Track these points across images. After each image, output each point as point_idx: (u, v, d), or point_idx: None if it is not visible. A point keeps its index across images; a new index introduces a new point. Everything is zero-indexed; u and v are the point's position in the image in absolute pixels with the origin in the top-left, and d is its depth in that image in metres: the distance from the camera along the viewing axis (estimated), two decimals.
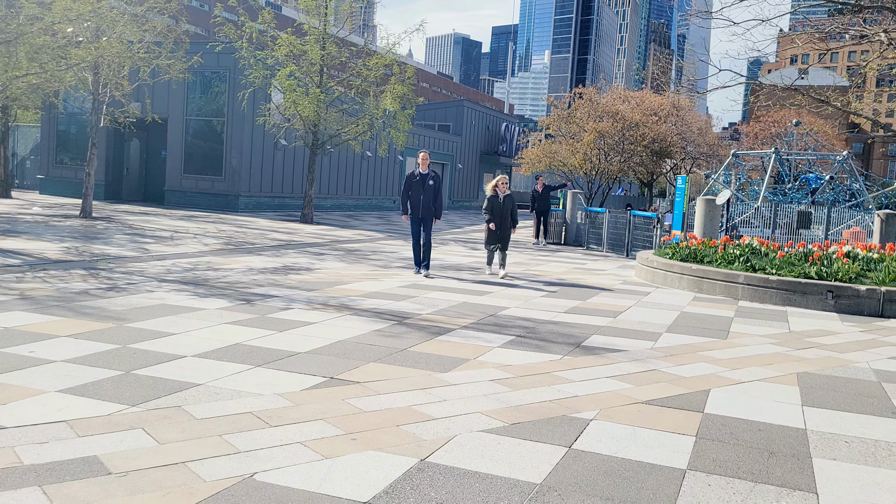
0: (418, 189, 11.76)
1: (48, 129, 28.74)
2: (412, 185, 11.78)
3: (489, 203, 12.35)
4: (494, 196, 12.35)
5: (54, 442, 3.83)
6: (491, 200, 12.34)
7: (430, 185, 11.80)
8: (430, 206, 11.86)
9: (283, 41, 21.40)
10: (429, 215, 11.89)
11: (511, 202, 12.39)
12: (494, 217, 12.30)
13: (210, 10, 60.88)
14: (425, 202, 11.78)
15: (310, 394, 4.99)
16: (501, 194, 12.33)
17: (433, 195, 11.85)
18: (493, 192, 12.36)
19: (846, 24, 17.77)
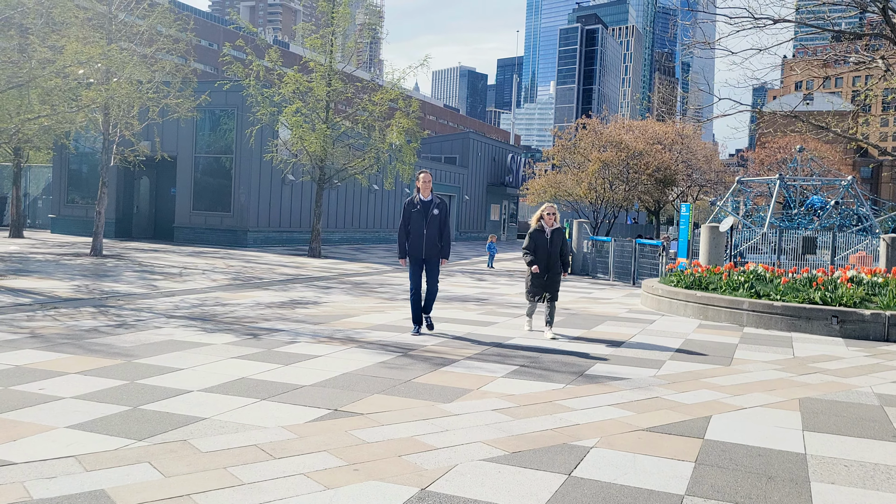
0: (419, 221, 9.07)
1: (59, 169, 29.21)
2: (411, 217, 9.14)
3: (532, 240, 9.65)
4: (539, 231, 9.70)
5: (62, 476, 3.92)
6: (534, 236, 9.67)
7: (434, 216, 9.08)
8: (436, 243, 9.09)
9: (290, 78, 21.80)
10: (434, 255, 9.17)
11: (561, 238, 9.71)
12: (539, 257, 9.59)
13: (218, 48, 61.97)
14: (429, 238, 9.06)
15: (314, 426, 5.07)
16: (548, 228, 9.65)
17: (439, 228, 9.13)
18: (539, 226, 9.71)
19: (845, 52, 17.99)
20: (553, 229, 9.65)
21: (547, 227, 9.67)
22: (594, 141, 32.43)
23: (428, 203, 9.16)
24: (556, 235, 9.67)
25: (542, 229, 9.71)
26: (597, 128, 33.74)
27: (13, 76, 16.60)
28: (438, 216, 9.17)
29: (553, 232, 9.65)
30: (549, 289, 9.65)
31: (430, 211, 9.13)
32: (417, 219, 9.11)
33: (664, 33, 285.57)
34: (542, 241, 9.65)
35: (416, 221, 9.12)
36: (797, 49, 24.30)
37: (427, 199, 9.17)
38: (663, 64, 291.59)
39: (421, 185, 9.14)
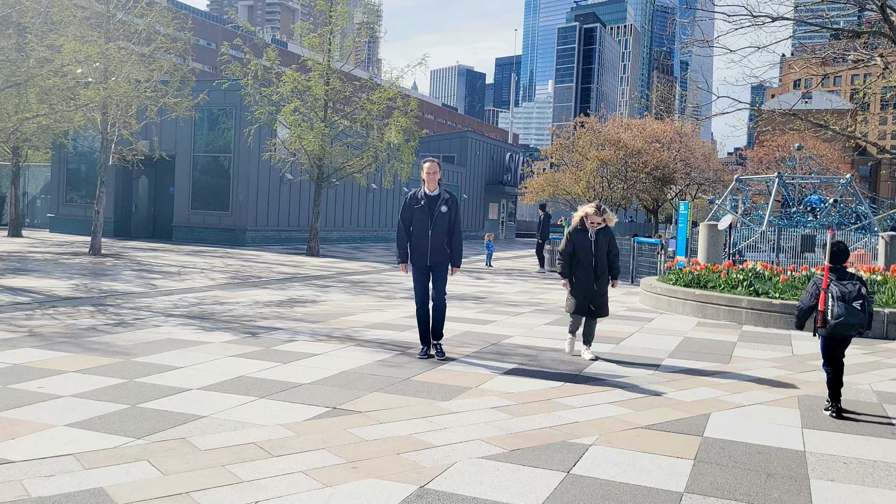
0: (423, 220, 7.48)
1: (58, 169, 29.17)
2: (414, 215, 7.55)
3: (570, 242, 8.07)
4: (581, 231, 8.07)
5: (61, 475, 3.91)
6: (574, 238, 8.07)
7: (442, 214, 7.50)
8: (443, 247, 7.51)
9: (288, 77, 21.78)
10: (442, 261, 7.57)
11: (607, 240, 8.08)
12: (579, 265, 8.00)
13: (216, 48, 61.98)
14: (435, 241, 7.48)
15: (312, 424, 5.06)
16: (592, 229, 8.03)
17: (448, 229, 7.55)
18: (580, 225, 8.09)
19: (843, 50, 18.00)
20: (598, 229, 8.01)
21: (591, 229, 8.05)
22: (592, 139, 32.46)
23: (435, 198, 7.49)
24: (603, 237, 8.01)
25: (583, 229, 8.08)
26: (595, 126, 33.77)
27: (11, 75, 16.58)
28: (447, 214, 7.51)
29: (598, 233, 8.01)
30: (595, 301, 8.01)
31: (437, 208, 7.46)
32: (421, 217, 7.47)
33: (662, 32, 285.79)
34: (583, 244, 8.01)
35: (419, 220, 7.48)
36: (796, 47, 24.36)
37: (434, 194, 7.50)
38: (661, 62, 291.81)
39: (426, 175, 7.53)
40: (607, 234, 8.12)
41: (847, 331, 5.81)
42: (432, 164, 7.57)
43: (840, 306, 5.74)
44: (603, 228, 8.05)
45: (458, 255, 7.60)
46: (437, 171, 7.56)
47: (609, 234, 8.14)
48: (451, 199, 7.58)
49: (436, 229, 7.46)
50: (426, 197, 7.52)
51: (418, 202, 7.52)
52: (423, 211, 7.48)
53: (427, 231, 7.46)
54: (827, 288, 5.87)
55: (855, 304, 5.73)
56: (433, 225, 7.46)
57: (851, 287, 5.81)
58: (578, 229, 8.10)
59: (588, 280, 7.99)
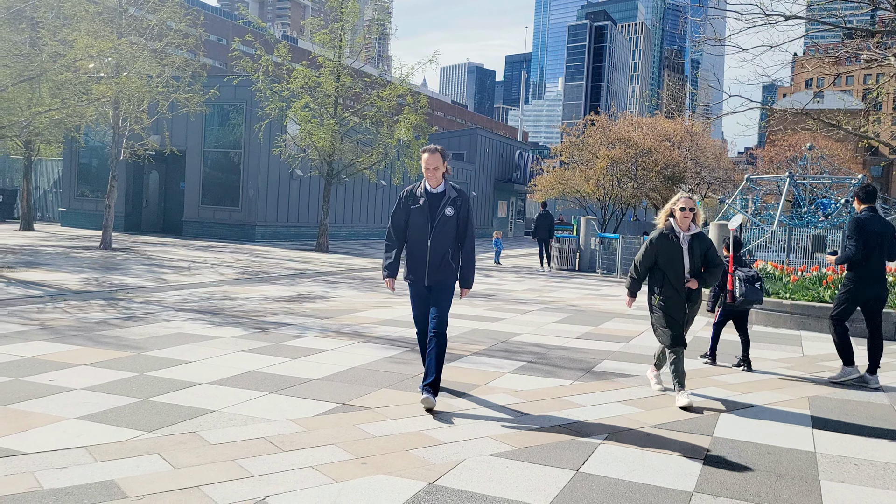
0: (422, 225, 5.72)
1: (69, 163, 29.33)
2: (411, 217, 5.78)
3: (652, 251, 6.22)
4: (666, 237, 6.19)
5: (73, 467, 3.94)
6: (659, 245, 6.20)
7: (446, 218, 5.70)
8: (448, 261, 5.72)
9: (299, 73, 21.80)
10: (445, 279, 5.73)
11: (705, 248, 6.19)
12: (667, 284, 6.13)
13: (227, 43, 62.14)
14: (436, 252, 5.68)
15: (322, 419, 5.08)
16: (683, 231, 6.18)
17: (454, 237, 5.77)
18: (667, 226, 6.24)
19: (856, 49, 17.87)
20: (692, 234, 6.16)
21: (681, 231, 6.15)
22: (602, 138, 32.34)
23: (438, 197, 5.70)
24: (697, 244, 6.15)
25: (670, 234, 6.17)
26: (605, 125, 33.64)
27: (24, 69, 16.68)
28: (453, 218, 5.68)
29: (692, 239, 6.15)
30: (688, 325, 6.32)
31: (441, 209, 5.65)
32: (419, 220, 5.69)
33: (673, 30, 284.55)
34: (671, 253, 6.10)
35: (417, 224, 5.71)
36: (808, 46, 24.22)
37: (436, 191, 5.73)
38: (672, 61, 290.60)
39: (427, 167, 5.71)
40: (704, 243, 6.19)
41: (749, 305, 7.51)
42: (432, 157, 5.66)
43: (745, 287, 7.34)
44: (697, 235, 6.19)
45: (470, 271, 5.77)
46: (439, 166, 5.68)
47: (706, 241, 6.22)
48: (459, 199, 5.71)
49: (437, 237, 5.63)
50: (426, 195, 5.71)
51: (416, 201, 5.72)
52: (422, 213, 5.66)
53: (426, 239, 5.65)
54: (733, 272, 7.47)
55: (756, 285, 7.35)
56: (434, 231, 5.63)
57: (752, 272, 7.48)
58: (662, 235, 6.16)
59: (679, 302, 6.10)
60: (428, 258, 5.67)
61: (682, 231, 6.17)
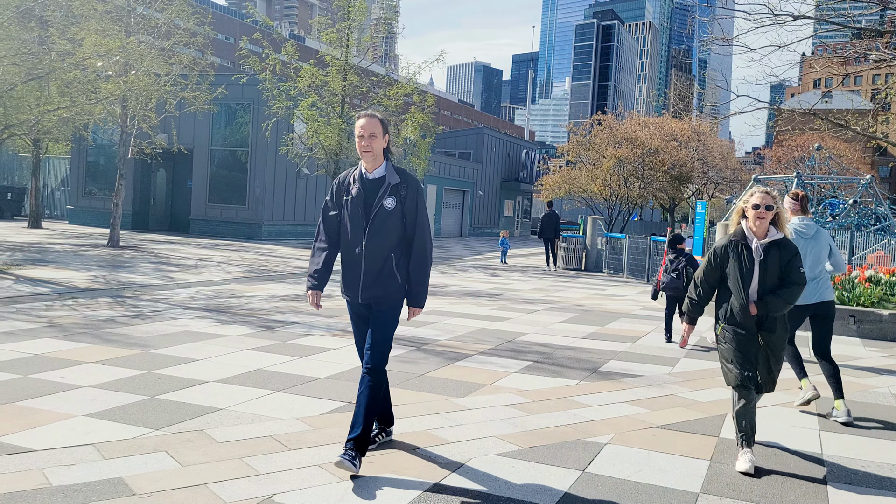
0: (356, 222, 4.33)
1: (78, 161, 29.45)
2: (343, 208, 4.38)
3: (717, 262, 4.80)
4: (733, 246, 4.73)
5: (81, 464, 3.96)
6: (723, 257, 4.77)
7: (385, 212, 4.28)
8: (390, 270, 4.30)
9: (306, 72, 21.83)
10: (384, 296, 4.32)
11: (787, 260, 4.64)
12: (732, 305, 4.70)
13: (235, 42, 62.22)
14: (371, 257, 4.29)
15: (328, 418, 5.09)
16: (757, 238, 4.67)
17: (396, 238, 4.33)
18: (737, 232, 4.76)
19: (865, 49, 17.79)
20: (771, 242, 4.59)
21: (754, 238, 4.60)
22: (609, 137, 32.31)
23: (375, 184, 4.27)
24: (776, 256, 4.58)
25: (738, 242, 4.64)
26: (612, 124, 33.59)
27: (33, 68, 16.76)
28: (396, 212, 4.24)
29: (770, 249, 4.58)
30: (766, 366, 4.67)
31: (378, 200, 4.24)
32: (352, 216, 4.30)
33: (681, 29, 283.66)
34: (739, 268, 4.61)
35: (350, 222, 4.31)
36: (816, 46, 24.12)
37: (374, 176, 4.28)
38: (680, 60, 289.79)
39: (358, 139, 4.22)
40: (786, 252, 4.59)
41: (671, 291, 9.32)
42: (369, 122, 4.17)
43: (666, 276, 9.36)
44: (779, 243, 4.59)
45: (420, 284, 4.29)
46: (376, 134, 4.17)
47: (789, 250, 4.61)
48: (404, 186, 4.24)
49: (374, 238, 4.20)
50: (360, 181, 4.27)
51: (347, 190, 4.31)
52: (355, 206, 4.25)
53: (359, 241, 4.23)
54: (664, 265, 9.40)
55: (672, 274, 9.29)
56: (369, 230, 4.20)
57: (676, 264, 9.33)
58: (731, 242, 4.67)
59: (749, 331, 4.60)
60: (362, 267, 4.24)
61: (755, 238, 4.58)
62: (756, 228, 4.60)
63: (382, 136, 4.23)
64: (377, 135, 4.18)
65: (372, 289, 4.27)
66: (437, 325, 9.47)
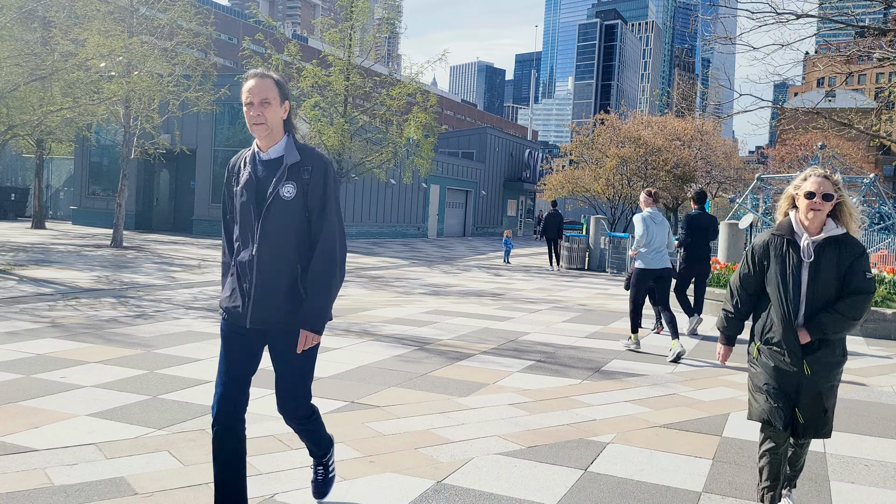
0: (246, 215, 3.23)
1: (81, 162, 29.51)
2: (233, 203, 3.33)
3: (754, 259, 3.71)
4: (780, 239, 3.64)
5: (83, 464, 3.97)
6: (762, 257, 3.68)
7: (284, 203, 3.15)
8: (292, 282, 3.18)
9: (308, 72, 21.84)
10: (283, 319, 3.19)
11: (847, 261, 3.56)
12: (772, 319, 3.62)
13: (238, 42, 62.28)
14: (264, 265, 3.16)
15: (330, 417, 5.09)
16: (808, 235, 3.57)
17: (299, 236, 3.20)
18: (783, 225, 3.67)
19: (868, 47, 17.74)
20: (827, 239, 3.57)
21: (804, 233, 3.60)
22: (612, 137, 32.28)
23: (271, 166, 3.25)
24: (834, 257, 3.57)
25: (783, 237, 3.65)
26: (615, 123, 33.57)
27: (36, 69, 16.79)
28: (296, 203, 3.19)
29: (824, 248, 3.56)
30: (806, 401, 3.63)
31: (274, 187, 3.20)
32: (243, 209, 3.28)
33: (684, 29, 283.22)
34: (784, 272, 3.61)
35: (240, 215, 3.31)
36: (820, 45, 24.09)
37: (270, 156, 3.26)
38: (683, 59, 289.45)
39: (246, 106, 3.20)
40: (847, 253, 3.57)
41: None
42: (260, 83, 3.17)
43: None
44: (838, 239, 3.55)
45: (321, 297, 3.17)
46: (271, 100, 3.17)
47: (852, 250, 3.57)
48: (305, 168, 3.20)
49: (267, 239, 3.18)
50: (253, 164, 3.28)
51: (237, 177, 3.34)
52: (244, 196, 3.25)
53: (249, 243, 3.23)
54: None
55: None
56: (262, 228, 3.19)
57: None
58: (774, 237, 3.65)
59: (792, 350, 3.55)
60: (253, 278, 3.15)
61: (806, 234, 3.54)
62: (808, 222, 3.53)
63: (280, 104, 3.19)
64: (272, 101, 3.14)
65: (266, 310, 3.14)
66: (439, 324, 9.47)
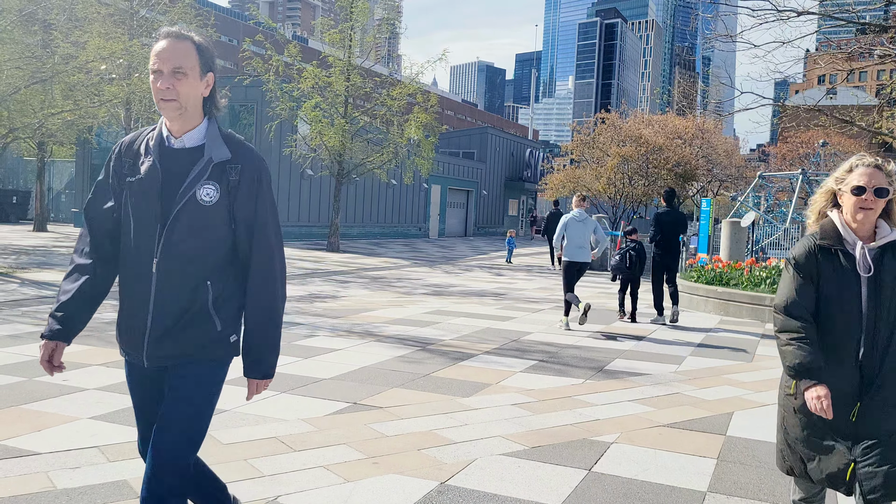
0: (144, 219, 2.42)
1: (82, 164, 29.53)
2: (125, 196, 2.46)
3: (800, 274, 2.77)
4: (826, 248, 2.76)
5: (86, 467, 3.95)
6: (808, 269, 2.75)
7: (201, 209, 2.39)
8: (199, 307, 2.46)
9: (309, 73, 21.84)
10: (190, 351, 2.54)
11: None
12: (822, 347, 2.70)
13: (238, 44, 62.33)
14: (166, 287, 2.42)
15: (333, 419, 5.08)
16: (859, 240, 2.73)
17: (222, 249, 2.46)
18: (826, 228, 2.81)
19: (870, 44, 17.71)
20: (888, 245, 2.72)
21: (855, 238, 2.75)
22: (613, 136, 32.23)
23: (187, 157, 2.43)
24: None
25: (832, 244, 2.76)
26: (616, 122, 33.52)
27: (37, 71, 16.79)
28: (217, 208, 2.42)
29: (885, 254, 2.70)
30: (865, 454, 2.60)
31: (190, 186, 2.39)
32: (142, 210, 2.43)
33: (685, 27, 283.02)
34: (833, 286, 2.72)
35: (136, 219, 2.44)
36: (821, 42, 24.08)
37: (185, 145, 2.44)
38: (683, 58, 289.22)
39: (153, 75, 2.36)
40: None
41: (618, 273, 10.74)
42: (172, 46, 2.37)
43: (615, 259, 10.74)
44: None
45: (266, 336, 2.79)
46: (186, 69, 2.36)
47: None
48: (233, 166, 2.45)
49: (173, 253, 2.42)
50: (159, 152, 2.46)
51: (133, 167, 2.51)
52: (145, 194, 2.43)
53: (148, 257, 2.44)
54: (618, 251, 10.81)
55: (616, 255, 10.71)
56: (166, 238, 2.41)
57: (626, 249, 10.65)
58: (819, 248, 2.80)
59: (844, 389, 2.70)
60: (151, 302, 2.45)
61: (858, 241, 2.74)
62: (857, 225, 2.73)
63: (200, 76, 2.37)
64: (187, 71, 2.31)
65: (167, 342, 2.43)
66: (441, 324, 9.45)
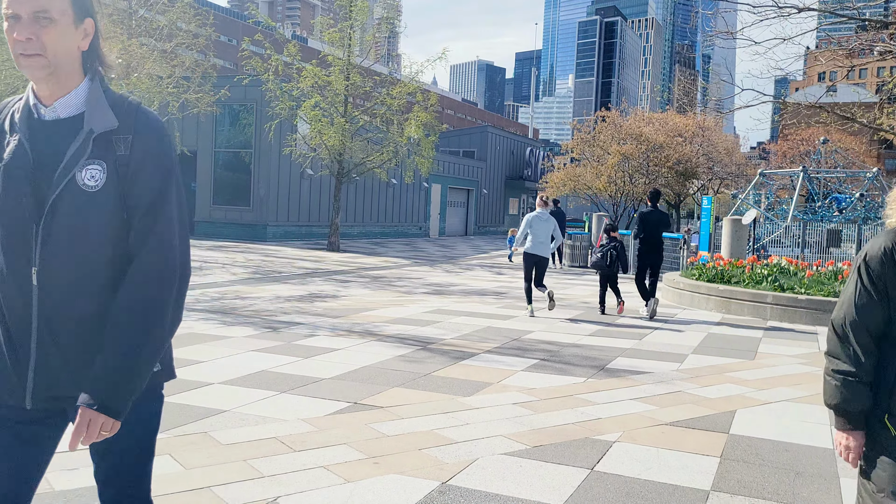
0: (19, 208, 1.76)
1: None
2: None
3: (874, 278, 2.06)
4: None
5: (84, 468, 3.92)
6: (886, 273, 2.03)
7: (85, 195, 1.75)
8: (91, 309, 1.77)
9: (308, 73, 21.81)
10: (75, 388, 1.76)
11: None
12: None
13: (237, 44, 62.30)
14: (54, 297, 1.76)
15: (333, 419, 5.05)
16: None
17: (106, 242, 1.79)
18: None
19: (870, 41, 17.66)
20: None
21: None
22: (614, 134, 32.20)
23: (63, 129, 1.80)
24: None
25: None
26: (616, 120, 33.49)
27: None
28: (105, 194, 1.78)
29: None
30: None
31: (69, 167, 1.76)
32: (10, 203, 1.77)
33: (685, 25, 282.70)
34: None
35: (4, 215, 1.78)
36: (821, 39, 24.02)
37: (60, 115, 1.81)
38: (684, 56, 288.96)
39: (8, 31, 1.73)
40: None
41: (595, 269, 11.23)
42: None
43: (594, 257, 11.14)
44: None
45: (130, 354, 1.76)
46: (54, 13, 1.75)
47: None
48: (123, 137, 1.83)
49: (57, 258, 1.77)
50: (29, 124, 1.82)
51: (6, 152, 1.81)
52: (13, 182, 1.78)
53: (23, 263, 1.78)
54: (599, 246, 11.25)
55: (597, 253, 11.07)
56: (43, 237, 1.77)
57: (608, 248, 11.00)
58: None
59: None
60: (33, 324, 1.82)
61: None
62: None
63: (74, 23, 1.83)
64: (56, 17, 1.79)
65: (62, 377, 1.85)
66: (442, 323, 9.42)
